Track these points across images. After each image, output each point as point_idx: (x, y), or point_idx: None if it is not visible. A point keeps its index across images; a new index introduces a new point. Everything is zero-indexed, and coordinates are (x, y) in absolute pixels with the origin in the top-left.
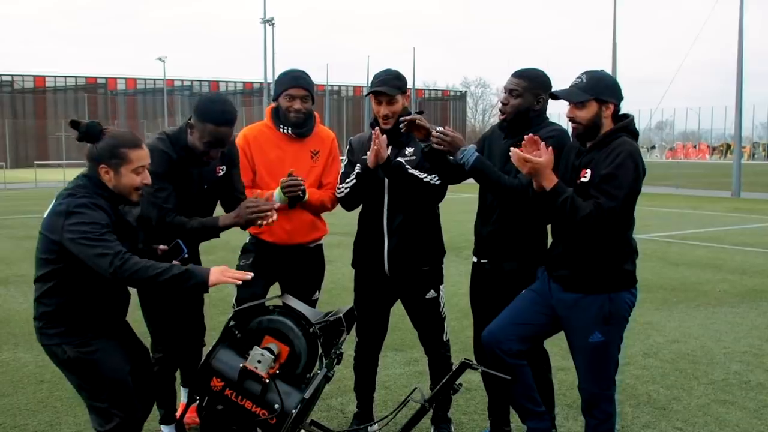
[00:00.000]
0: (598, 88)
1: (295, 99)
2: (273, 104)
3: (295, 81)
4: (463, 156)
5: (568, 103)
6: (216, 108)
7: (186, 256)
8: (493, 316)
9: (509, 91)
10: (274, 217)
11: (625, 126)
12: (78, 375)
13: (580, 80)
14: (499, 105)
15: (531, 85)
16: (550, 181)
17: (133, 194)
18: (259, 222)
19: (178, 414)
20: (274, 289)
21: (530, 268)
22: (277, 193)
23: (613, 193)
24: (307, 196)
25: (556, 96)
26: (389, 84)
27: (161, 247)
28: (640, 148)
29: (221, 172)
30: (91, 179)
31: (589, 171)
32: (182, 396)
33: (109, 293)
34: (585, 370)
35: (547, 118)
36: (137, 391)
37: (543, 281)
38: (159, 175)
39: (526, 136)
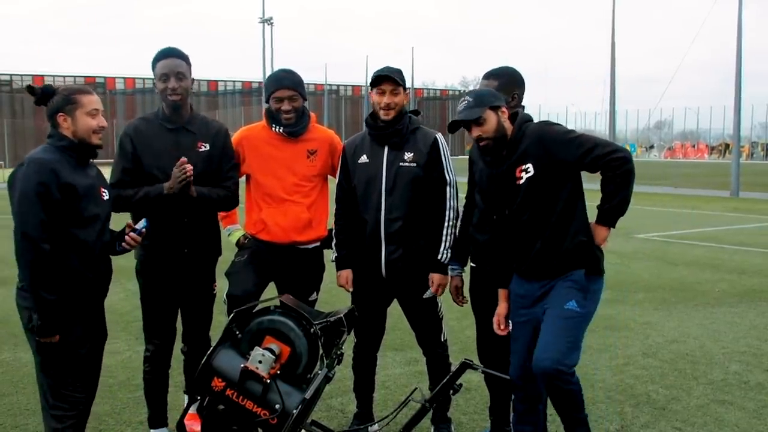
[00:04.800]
0: (486, 99)
1: (282, 101)
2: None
3: (279, 83)
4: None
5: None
6: (159, 51)
7: (143, 230)
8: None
9: None
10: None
11: (526, 119)
12: (37, 343)
13: (466, 102)
14: None
15: (502, 84)
16: (603, 234)
17: (92, 137)
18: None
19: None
20: (270, 290)
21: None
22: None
23: (590, 142)
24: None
25: (455, 125)
26: (394, 74)
27: (129, 222)
28: None
29: (203, 149)
30: (53, 136)
31: (530, 165)
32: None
33: (85, 263)
34: (553, 336)
35: (523, 107)
36: (86, 375)
37: (522, 287)
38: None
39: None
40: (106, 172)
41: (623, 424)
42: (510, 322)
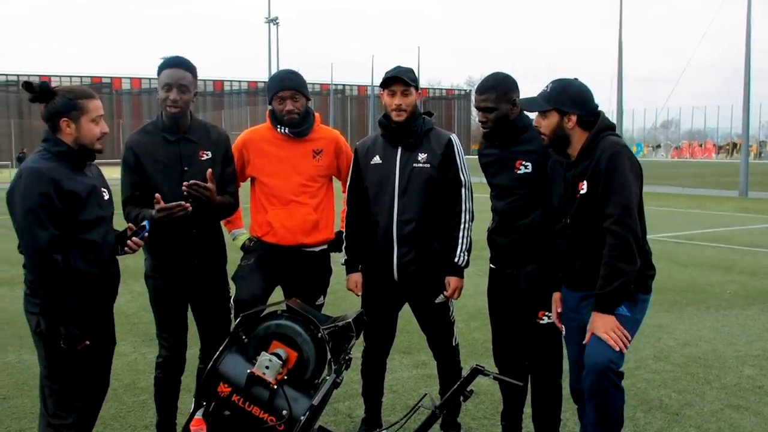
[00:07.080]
0: (560, 99)
1: (285, 101)
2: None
3: (281, 83)
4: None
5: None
6: (167, 58)
7: (146, 234)
8: (514, 320)
9: (482, 109)
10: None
11: (604, 126)
12: (45, 350)
13: (545, 89)
14: (480, 124)
15: (500, 93)
16: (606, 318)
17: (96, 144)
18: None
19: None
20: (277, 294)
21: (549, 267)
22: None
23: (615, 200)
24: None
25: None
26: (405, 75)
27: (130, 225)
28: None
29: (205, 157)
30: (49, 140)
31: (585, 183)
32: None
33: (94, 267)
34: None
35: (527, 115)
36: (94, 382)
37: (568, 294)
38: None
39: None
40: (111, 172)
41: (636, 431)
42: (563, 327)
